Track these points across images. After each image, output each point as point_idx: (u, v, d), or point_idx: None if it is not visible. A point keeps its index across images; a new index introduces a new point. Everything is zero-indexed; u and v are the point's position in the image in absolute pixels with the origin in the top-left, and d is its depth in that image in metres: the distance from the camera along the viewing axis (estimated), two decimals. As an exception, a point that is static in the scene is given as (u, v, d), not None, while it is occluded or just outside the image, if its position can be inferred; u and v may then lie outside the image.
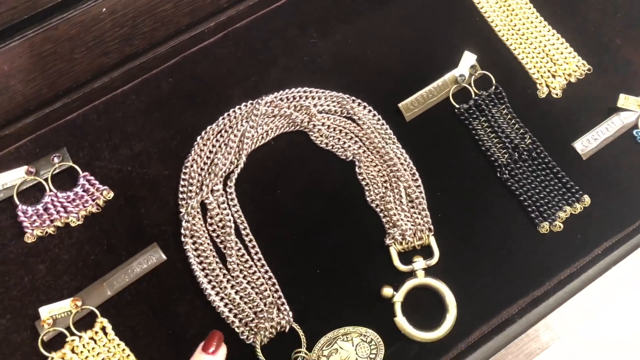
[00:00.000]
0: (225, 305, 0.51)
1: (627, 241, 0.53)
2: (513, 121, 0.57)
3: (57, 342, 0.50)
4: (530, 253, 0.53)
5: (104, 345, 0.50)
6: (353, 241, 0.54)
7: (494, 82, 0.59)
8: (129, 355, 0.50)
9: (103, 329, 0.51)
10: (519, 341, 0.49)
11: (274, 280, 0.52)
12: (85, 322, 0.51)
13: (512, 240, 0.53)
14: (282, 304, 0.51)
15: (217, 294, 0.51)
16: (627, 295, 0.49)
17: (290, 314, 0.51)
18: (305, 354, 0.49)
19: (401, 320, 0.50)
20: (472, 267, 0.52)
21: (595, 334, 0.59)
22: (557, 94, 0.59)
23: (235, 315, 0.51)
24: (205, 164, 0.56)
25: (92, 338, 0.50)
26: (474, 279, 0.52)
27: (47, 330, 0.50)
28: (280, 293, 0.51)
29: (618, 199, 0.54)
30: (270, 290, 0.52)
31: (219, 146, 0.57)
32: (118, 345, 0.50)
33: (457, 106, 0.58)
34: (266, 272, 0.52)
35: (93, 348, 0.50)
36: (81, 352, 0.50)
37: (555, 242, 0.53)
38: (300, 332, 0.50)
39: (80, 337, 0.50)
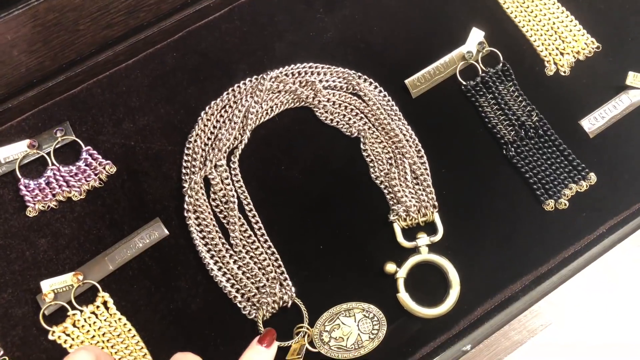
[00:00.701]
0: (228, 280, 0.51)
1: (632, 220, 0.52)
2: (520, 98, 0.56)
3: (58, 316, 0.50)
4: (535, 230, 0.52)
5: (105, 320, 0.50)
6: (357, 217, 0.53)
7: (501, 59, 0.58)
8: (130, 329, 0.50)
9: (104, 303, 0.51)
10: (522, 317, 0.48)
11: (277, 256, 0.52)
12: (86, 297, 0.51)
13: (517, 217, 0.53)
14: (285, 279, 0.51)
15: (220, 269, 0.51)
16: (631, 274, 0.48)
17: (293, 289, 0.50)
18: (307, 328, 0.49)
19: (404, 296, 0.50)
20: (476, 244, 0.52)
21: (599, 313, 0.58)
22: (565, 72, 0.58)
23: (237, 291, 0.50)
24: (209, 139, 0.56)
25: (93, 312, 0.50)
26: (478, 255, 0.52)
27: (49, 304, 0.50)
28: (282, 269, 0.51)
29: (624, 178, 0.54)
30: (272, 265, 0.51)
31: (223, 121, 0.56)
32: (119, 319, 0.50)
33: (464, 83, 0.57)
34: (269, 247, 0.52)
35: (94, 322, 0.50)
36: (82, 326, 0.50)
37: (560, 219, 0.53)
38: (303, 307, 0.50)
39: (81, 311, 0.50)
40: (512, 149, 0.55)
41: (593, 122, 0.55)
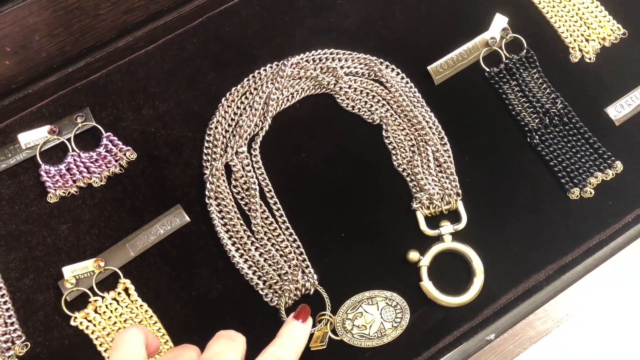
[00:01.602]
0: (250, 267, 0.51)
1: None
2: (544, 86, 0.56)
3: (80, 302, 0.50)
4: (560, 219, 0.52)
5: (126, 306, 0.50)
6: (379, 205, 0.53)
7: (525, 45, 0.57)
8: (151, 316, 0.50)
9: (126, 289, 0.51)
10: (547, 306, 0.48)
11: (299, 243, 0.51)
12: (108, 283, 0.51)
13: (542, 206, 0.52)
14: (307, 266, 0.50)
15: (241, 256, 0.51)
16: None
17: (315, 276, 0.50)
18: (330, 316, 0.49)
19: (427, 285, 0.49)
20: (499, 232, 0.51)
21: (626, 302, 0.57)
22: (590, 59, 0.57)
23: (259, 278, 0.50)
24: (229, 125, 0.55)
25: (114, 299, 0.50)
26: (502, 244, 0.51)
27: (70, 289, 0.50)
28: (304, 256, 0.51)
29: (652, 166, 0.53)
30: (294, 253, 0.51)
31: (244, 108, 0.56)
32: (141, 306, 0.50)
33: (488, 70, 0.56)
34: (290, 234, 0.52)
35: (116, 309, 0.50)
36: (104, 312, 0.50)
37: (585, 208, 0.52)
38: (325, 295, 0.50)
39: (103, 297, 0.50)
40: (537, 137, 0.54)
41: (619, 110, 0.54)
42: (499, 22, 0.57)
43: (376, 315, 0.48)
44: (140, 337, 0.38)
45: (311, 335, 0.48)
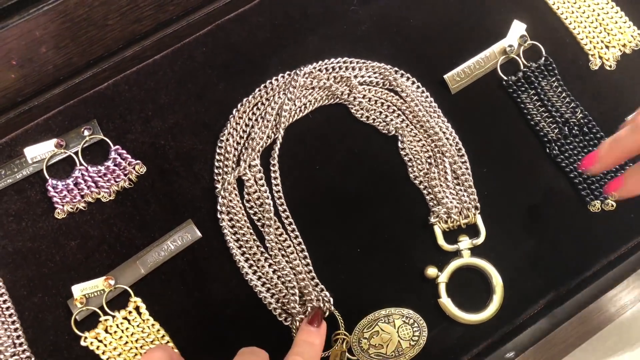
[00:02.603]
0: (263, 284, 0.49)
1: (684, 221, 0.51)
2: (564, 94, 0.54)
3: (90, 321, 0.49)
4: (581, 233, 0.51)
5: (138, 326, 0.49)
6: (395, 219, 0.52)
7: (543, 53, 0.56)
8: (163, 335, 0.49)
9: (137, 308, 0.49)
10: (573, 321, 0.46)
11: (308, 261, 0.50)
12: (118, 302, 0.50)
13: (562, 219, 0.51)
14: (322, 290, 0.49)
15: (254, 272, 0.50)
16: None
17: (331, 300, 0.49)
18: (346, 335, 0.48)
19: (446, 302, 0.48)
20: (519, 247, 0.50)
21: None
22: (610, 66, 0.56)
23: (272, 296, 0.49)
24: (241, 137, 0.54)
25: (125, 318, 0.49)
26: (521, 259, 0.50)
27: (80, 309, 0.49)
28: (317, 280, 0.49)
29: (675, 178, 0.52)
30: (305, 273, 0.50)
31: (255, 119, 0.54)
32: (152, 325, 0.49)
33: (505, 78, 0.55)
34: (302, 251, 0.50)
35: (127, 328, 0.49)
36: (115, 332, 0.49)
37: (607, 221, 0.51)
38: (339, 317, 0.48)
39: (113, 316, 0.49)
40: (556, 148, 0.52)
41: (641, 119, 0.53)
42: (517, 29, 0.56)
43: (393, 334, 0.47)
44: (165, 357, 0.38)
45: (327, 356, 0.47)
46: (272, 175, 0.53)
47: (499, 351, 0.48)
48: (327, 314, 0.48)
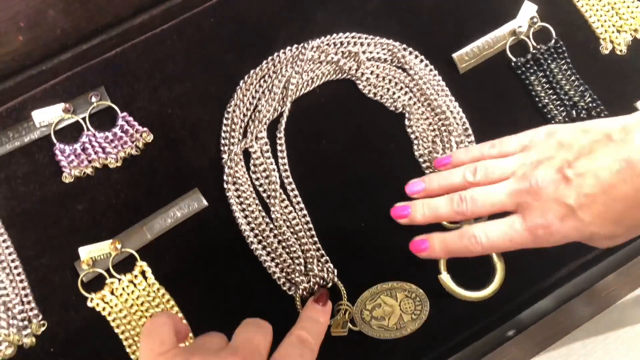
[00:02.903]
0: (268, 254, 0.50)
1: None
2: (573, 78, 0.54)
3: (96, 283, 0.50)
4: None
5: (143, 289, 0.50)
6: (399, 196, 0.52)
7: (554, 35, 0.55)
8: (168, 300, 0.50)
9: (143, 272, 0.50)
10: (576, 301, 0.47)
11: (313, 233, 0.51)
12: (124, 265, 0.50)
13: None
14: (326, 261, 0.50)
15: (259, 242, 0.50)
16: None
17: (335, 270, 0.49)
18: (348, 305, 0.48)
19: (445, 278, 0.49)
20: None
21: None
22: (621, 50, 0.56)
23: (277, 265, 0.50)
24: (247, 109, 0.54)
25: (131, 281, 0.50)
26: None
27: (87, 271, 0.50)
28: (322, 251, 0.50)
29: (678, 164, 0.52)
30: (310, 244, 0.50)
31: (262, 92, 0.54)
32: (158, 289, 0.50)
33: (514, 59, 0.55)
34: (307, 223, 0.51)
35: (132, 291, 0.50)
36: (120, 294, 0.50)
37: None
38: (342, 288, 0.49)
39: (119, 279, 0.50)
40: (562, 130, 0.53)
41: (648, 105, 0.53)
42: (528, 10, 0.56)
43: (395, 307, 0.48)
44: (169, 323, 0.38)
45: (329, 324, 0.48)
46: (279, 147, 0.53)
47: (499, 329, 0.49)
48: (331, 284, 0.49)
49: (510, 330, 0.47)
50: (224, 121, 0.54)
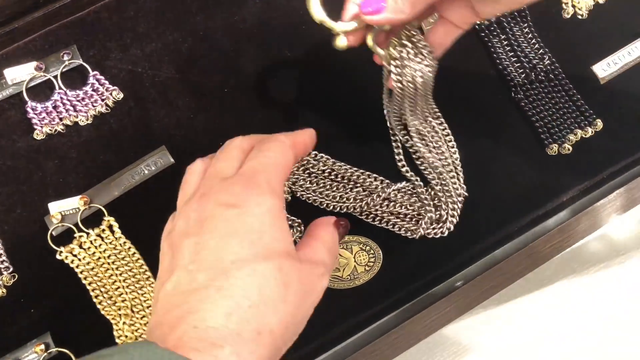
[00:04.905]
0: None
1: (633, 167, 0.52)
2: (533, 41, 0.55)
3: (65, 237, 0.52)
4: (536, 174, 0.52)
5: (110, 243, 0.52)
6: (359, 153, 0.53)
7: (517, -1, 0.56)
8: (134, 253, 0.51)
9: (110, 227, 0.52)
10: (522, 252, 0.49)
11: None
12: (93, 220, 0.52)
13: (519, 160, 0.53)
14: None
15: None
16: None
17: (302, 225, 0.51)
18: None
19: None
20: (478, 183, 0.52)
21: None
22: (582, 15, 0.56)
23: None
24: (215, 69, 0.55)
25: (99, 235, 0.52)
26: (479, 194, 0.52)
27: (56, 225, 0.51)
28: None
29: (631, 126, 0.53)
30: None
31: (230, 52, 0.55)
32: (124, 243, 0.52)
33: (478, 22, 0.56)
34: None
35: (100, 245, 0.51)
36: (88, 248, 0.51)
37: (562, 164, 0.53)
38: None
39: (87, 233, 0.52)
40: (521, 92, 0.54)
41: (605, 68, 0.54)
42: (492, -27, 0.56)
43: (350, 259, 0.50)
44: (245, 144, 0.38)
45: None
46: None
47: (449, 280, 0.50)
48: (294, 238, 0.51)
49: (458, 281, 0.49)
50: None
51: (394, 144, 0.53)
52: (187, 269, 0.33)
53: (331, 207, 0.50)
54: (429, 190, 0.51)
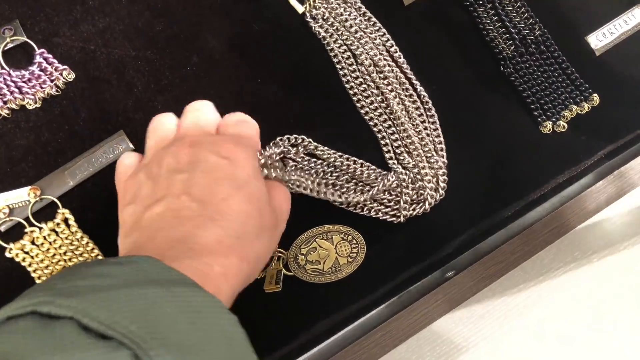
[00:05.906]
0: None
1: (633, 145, 0.50)
2: (523, 9, 0.51)
3: (15, 233, 0.47)
4: (530, 154, 0.49)
5: (66, 238, 0.47)
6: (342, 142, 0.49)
7: (505, -35, 0.52)
8: (93, 248, 0.47)
9: (65, 220, 0.47)
10: (516, 240, 0.46)
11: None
12: (46, 213, 0.47)
13: (511, 139, 0.49)
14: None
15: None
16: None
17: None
18: (282, 252, 0.46)
19: None
20: (468, 165, 0.49)
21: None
22: (573, -18, 0.53)
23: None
24: (177, 44, 0.50)
25: (53, 230, 0.47)
26: (469, 177, 0.48)
27: (4, 219, 0.46)
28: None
29: (629, 100, 0.50)
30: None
31: (194, 25, 0.51)
32: (81, 238, 0.47)
33: (462, -11, 0.52)
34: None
35: (55, 240, 0.47)
36: (42, 244, 0.46)
37: (557, 143, 0.49)
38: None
39: (40, 228, 0.47)
40: (510, 66, 0.50)
41: (601, 39, 0.51)
42: (478, -64, 0.52)
43: (331, 250, 0.46)
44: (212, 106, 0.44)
45: (264, 277, 0.45)
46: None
47: (439, 270, 0.47)
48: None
49: (449, 271, 0.45)
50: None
51: (370, 122, 0.49)
52: (179, 198, 0.38)
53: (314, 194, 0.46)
54: (408, 172, 0.47)
